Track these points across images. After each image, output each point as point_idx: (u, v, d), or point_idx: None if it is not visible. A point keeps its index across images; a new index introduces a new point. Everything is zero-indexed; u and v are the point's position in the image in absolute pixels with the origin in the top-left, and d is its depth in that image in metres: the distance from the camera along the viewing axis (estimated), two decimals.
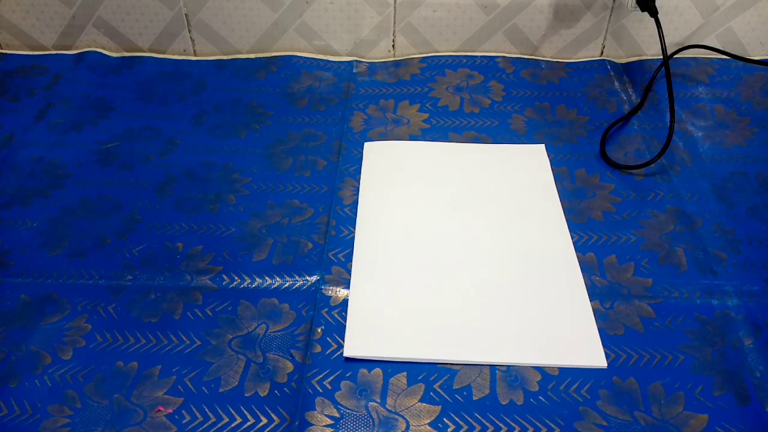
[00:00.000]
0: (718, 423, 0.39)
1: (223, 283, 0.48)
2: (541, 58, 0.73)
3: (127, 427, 0.39)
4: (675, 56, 0.70)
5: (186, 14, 0.71)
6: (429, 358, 0.43)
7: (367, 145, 0.61)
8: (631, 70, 0.71)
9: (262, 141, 0.61)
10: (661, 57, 0.61)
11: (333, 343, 0.44)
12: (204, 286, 0.48)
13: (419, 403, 0.41)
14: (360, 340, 0.44)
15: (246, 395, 0.41)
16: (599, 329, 0.44)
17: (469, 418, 0.40)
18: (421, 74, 0.71)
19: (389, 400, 0.41)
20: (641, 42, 0.73)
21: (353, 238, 0.51)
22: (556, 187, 0.55)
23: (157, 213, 0.54)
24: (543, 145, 0.60)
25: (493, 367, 0.42)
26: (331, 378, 0.42)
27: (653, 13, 0.63)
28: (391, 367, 0.43)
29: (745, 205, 0.54)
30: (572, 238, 0.51)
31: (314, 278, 0.48)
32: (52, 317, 0.45)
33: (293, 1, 0.70)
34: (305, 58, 0.73)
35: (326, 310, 0.46)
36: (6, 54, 0.74)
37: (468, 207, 0.54)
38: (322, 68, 0.72)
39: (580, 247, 0.50)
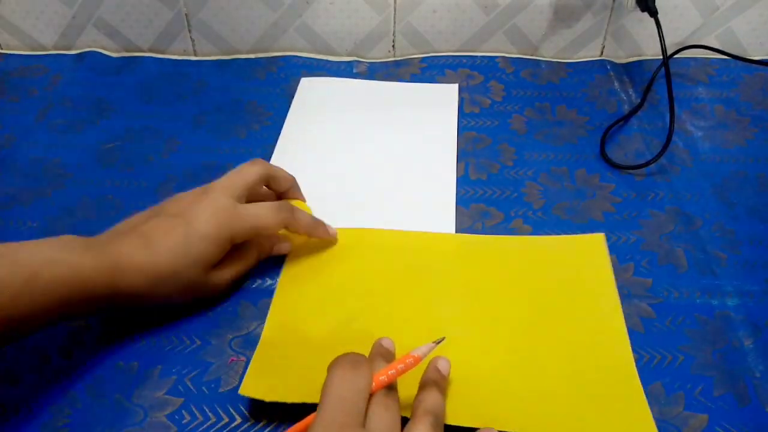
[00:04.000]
0: (718, 423, 0.39)
1: None
2: (541, 58, 0.73)
3: (127, 427, 0.39)
4: (675, 56, 0.70)
5: (186, 14, 0.71)
6: None
7: (304, 81, 0.68)
8: (631, 70, 0.71)
9: (262, 141, 0.61)
10: (661, 57, 0.61)
11: None
12: None
13: None
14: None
15: None
16: None
17: None
18: (421, 74, 0.71)
19: None
20: (641, 42, 0.73)
21: None
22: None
23: None
24: (456, 85, 0.68)
25: None
26: None
27: (653, 13, 0.63)
28: None
29: (745, 205, 0.54)
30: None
31: None
32: None
33: (293, 1, 0.70)
34: (305, 58, 0.73)
35: None
36: (6, 54, 0.74)
37: (375, 138, 0.62)
38: (322, 68, 0.72)
39: None
